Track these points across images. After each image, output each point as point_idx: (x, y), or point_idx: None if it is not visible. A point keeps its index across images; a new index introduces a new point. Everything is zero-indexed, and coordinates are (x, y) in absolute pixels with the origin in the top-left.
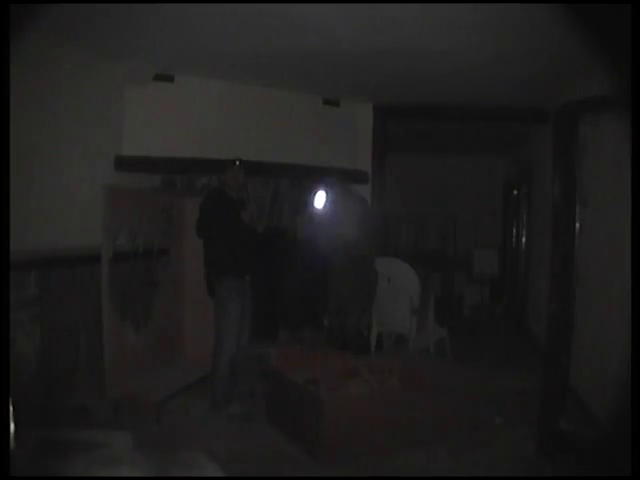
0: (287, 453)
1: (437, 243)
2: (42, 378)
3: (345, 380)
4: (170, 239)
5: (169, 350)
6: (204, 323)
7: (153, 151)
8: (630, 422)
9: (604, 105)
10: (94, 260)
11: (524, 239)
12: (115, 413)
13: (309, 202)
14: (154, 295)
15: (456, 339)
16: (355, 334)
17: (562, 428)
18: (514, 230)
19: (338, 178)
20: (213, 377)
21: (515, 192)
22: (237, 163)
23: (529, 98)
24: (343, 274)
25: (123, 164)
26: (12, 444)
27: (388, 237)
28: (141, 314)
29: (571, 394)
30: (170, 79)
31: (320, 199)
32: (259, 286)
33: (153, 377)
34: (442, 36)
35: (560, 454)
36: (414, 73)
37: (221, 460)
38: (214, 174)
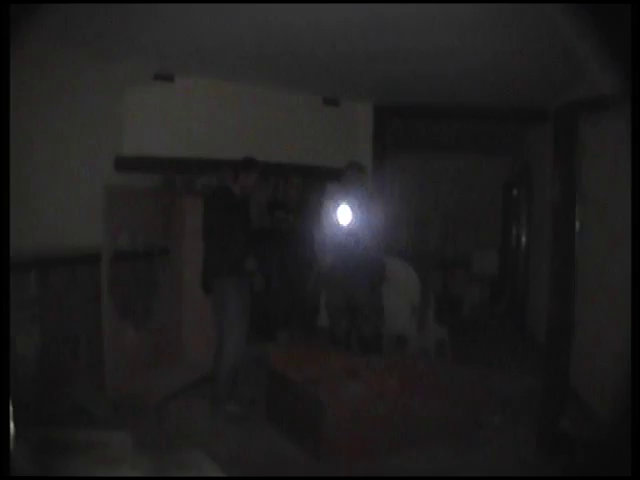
0: (287, 453)
1: (437, 243)
2: (42, 378)
3: (345, 380)
4: (170, 239)
5: (169, 350)
6: (204, 323)
7: (153, 151)
8: (630, 422)
9: (604, 105)
10: (94, 260)
11: (524, 239)
12: (115, 413)
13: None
14: (154, 295)
15: (456, 339)
16: (372, 335)
17: (562, 428)
18: (514, 230)
19: (355, 174)
20: (214, 377)
21: (515, 192)
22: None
23: (529, 98)
24: (355, 275)
25: (123, 164)
26: (12, 444)
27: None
28: (141, 314)
29: (571, 394)
30: (170, 79)
31: (344, 213)
32: (259, 286)
33: (153, 377)
34: (442, 36)
35: (560, 454)
36: (414, 73)
37: (221, 460)
38: (214, 174)
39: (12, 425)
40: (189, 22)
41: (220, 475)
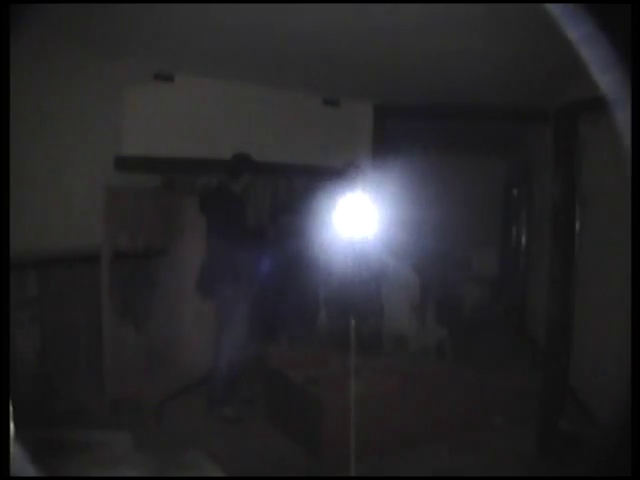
0: (287, 453)
1: (437, 243)
2: (42, 378)
3: (345, 380)
4: (170, 239)
5: (169, 350)
6: (204, 323)
7: (153, 151)
8: (630, 422)
9: (604, 105)
10: (94, 260)
11: (524, 239)
12: (115, 413)
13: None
14: (154, 295)
15: (456, 339)
16: (372, 335)
17: (562, 428)
18: (514, 230)
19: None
20: (212, 378)
21: (515, 192)
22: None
23: (529, 98)
24: (355, 275)
25: (123, 164)
26: (12, 444)
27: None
28: (141, 314)
29: (571, 394)
30: (170, 79)
31: (344, 214)
32: (259, 286)
33: (153, 377)
34: (442, 36)
35: (560, 454)
36: (414, 73)
37: (221, 460)
38: (214, 174)
39: (12, 425)
40: (189, 22)
41: (220, 475)
